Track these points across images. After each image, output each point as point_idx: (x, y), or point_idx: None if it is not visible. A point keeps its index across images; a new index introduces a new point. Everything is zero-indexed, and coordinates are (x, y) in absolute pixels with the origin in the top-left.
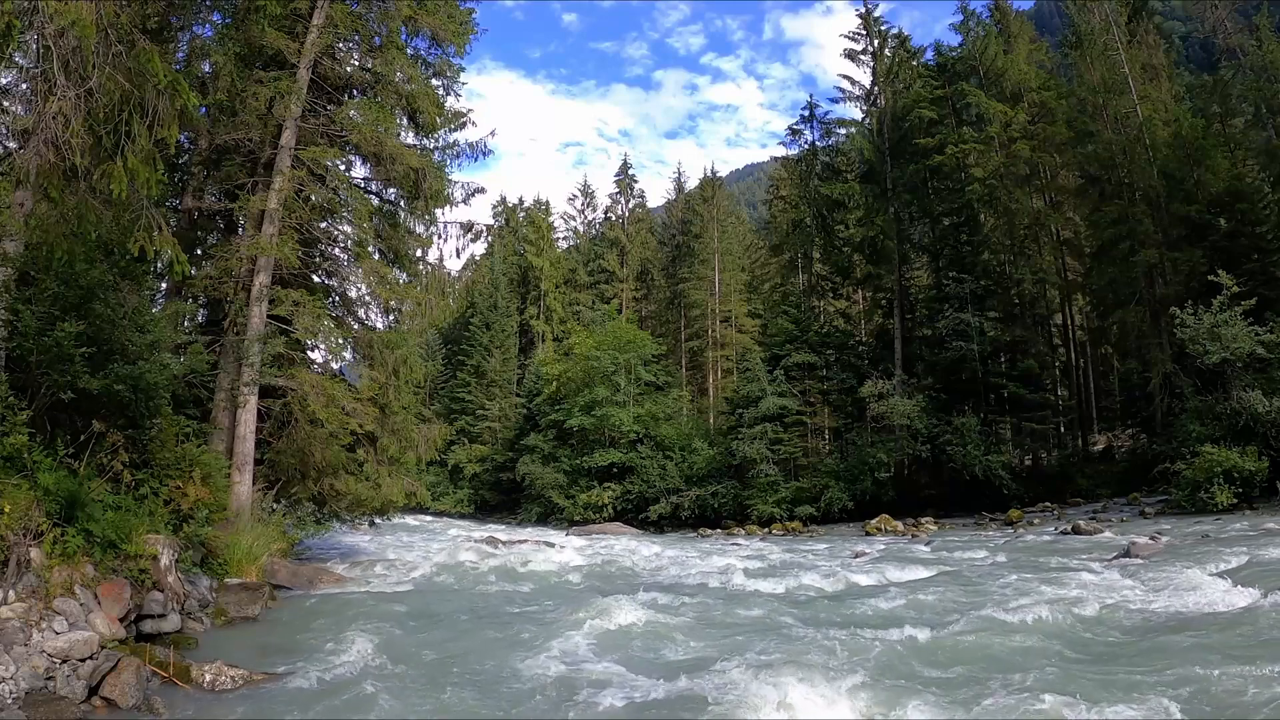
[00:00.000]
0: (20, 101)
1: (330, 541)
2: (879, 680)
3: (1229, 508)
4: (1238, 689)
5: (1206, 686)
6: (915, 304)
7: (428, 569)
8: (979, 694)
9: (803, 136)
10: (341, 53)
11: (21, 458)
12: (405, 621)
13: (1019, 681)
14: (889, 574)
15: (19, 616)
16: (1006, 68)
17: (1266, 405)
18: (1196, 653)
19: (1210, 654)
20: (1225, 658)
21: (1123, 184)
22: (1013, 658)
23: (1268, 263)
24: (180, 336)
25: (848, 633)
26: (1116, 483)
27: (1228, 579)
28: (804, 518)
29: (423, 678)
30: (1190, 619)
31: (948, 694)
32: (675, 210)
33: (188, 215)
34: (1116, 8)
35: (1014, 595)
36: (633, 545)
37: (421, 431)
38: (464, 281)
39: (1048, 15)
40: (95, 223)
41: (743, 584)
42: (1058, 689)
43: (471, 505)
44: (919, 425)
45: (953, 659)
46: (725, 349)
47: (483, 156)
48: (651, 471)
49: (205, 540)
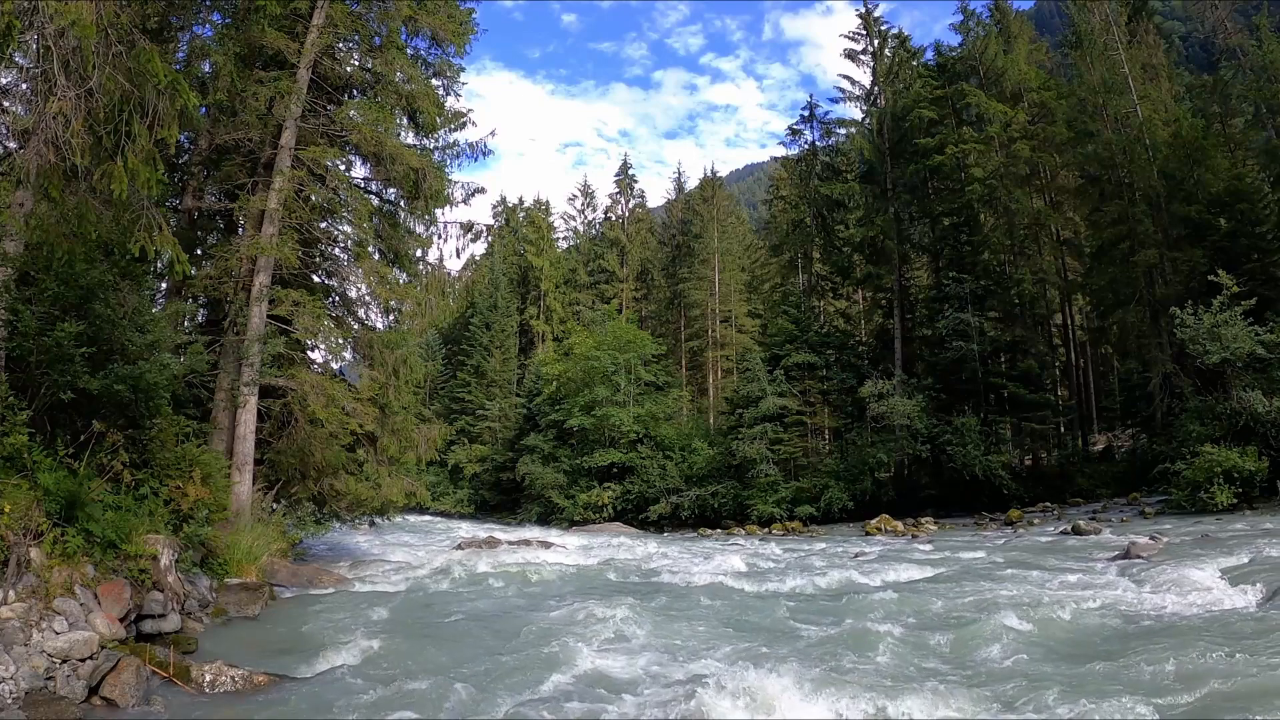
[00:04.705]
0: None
1: (330, 541)
2: (879, 680)
3: (1229, 508)
4: (1237, 688)
5: (1206, 685)
6: (915, 304)
7: (427, 569)
8: (979, 693)
9: (803, 136)
10: (341, 53)
11: (21, 458)
12: (404, 622)
13: (1018, 681)
14: (889, 574)
15: (19, 616)
16: (1006, 68)
17: (1266, 405)
18: (1196, 652)
19: (1210, 653)
20: (1225, 657)
21: (1123, 184)
22: (1012, 657)
23: (1268, 263)
24: (180, 336)
25: (848, 633)
26: (1116, 483)
27: (1228, 579)
28: (804, 518)
29: (422, 678)
30: (1190, 619)
31: (947, 694)
32: (675, 210)
33: (188, 215)
34: (1116, 8)
35: (1013, 595)
36: (633, 545)
37: (421, 431)
38: (464, 281)
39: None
40: (95, 223)
41: (742, 584)
42: (1057, 688)
43: (471, 505)
44: (919, 425)
45: (952, 659)
46: (725, 349)
47: (483, 156)
48: (651, 471)
49: (205, 540)
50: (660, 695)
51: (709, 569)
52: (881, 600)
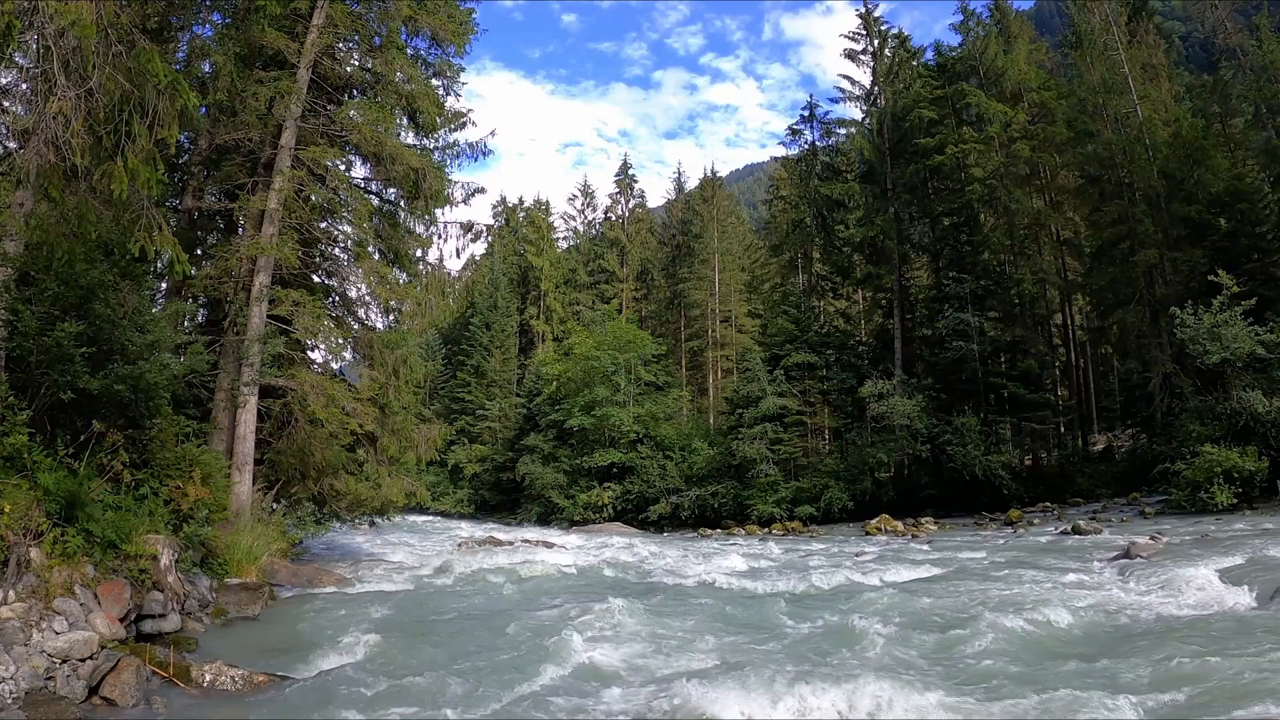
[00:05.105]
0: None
1: (330, 541)
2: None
3: (1229, 508)
4: (1237, 687)
5: (1205, 685)
6: (915, 304)
7: (427, 569)
8: (978, 693)
9: (803, 136)
10: (341, 53)
11: (21, 458)
12: (404, 621)
13: (1017, 680)
14: (889, 574)
15: (19, 616)
16: (1006, 68)
17: (1266, 405)
18: (1195, 652)
19: (1209, 653)
20: (1224, 656)
21: (1123, 184)
22: (1011, 657)
23: (1268, 263)
24: (180, 336)
25: (847, 632)
26: (1116, 483)
27: (1227, 579)
28: (804, 518)
29: (421, 678)
30: (1189, 618)
31: (947, 693)
32: (675, 210)
33: (188, 215)
34: (1116, 8)
35: (1013, 595)
36: (632, 545)
37: (421, 431)
38: (464, 281)
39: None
40: (95, 223)
41: (742, 584)
42: (1056, 688)
43: (471, 505)
44: (919, 425)
45: (951, 658)
46: (725, 349)
47: (483, 156)
48: (651, 471)
49: (205, 540)
50: (659, 695)
51: (707, 569)
52: (877, 599)
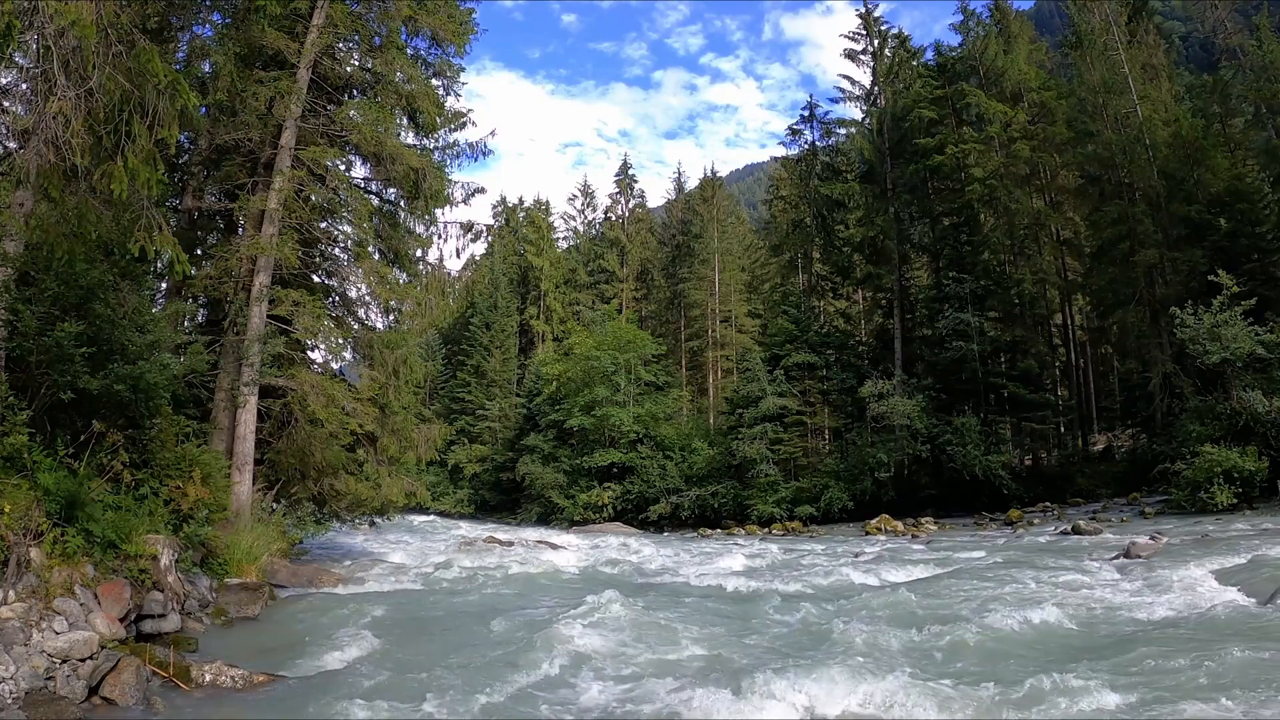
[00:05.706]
0: (20, 101)
1: (330, 541)
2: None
3: (1229, 508)
4: (1236, 687)
5: (1204, 684)
6: (915, 304)
7: (427, 569)
8: (977, 693)
9: (803, 136)
10: (341, 53)
11: (21, 458)
12: (404, 621)
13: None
14: (888, 574)
15: (19, 616)
16: (1006, 68)
17: (1266, 405)
18: (1194, 651)
19: (1209, 652)
20: (1223, 656)
21: (1123, 184)
22: (1010, 657)
23: (1268, 263)
24: (180, 336)
25: (847, 632)
26: (1116, 483)
27: (1227, 579)
28: (804, 518)
29: (421, 677)
30: (1189, 618)
31: (946, 693)
32: (675, 210)
33: (188, 215)
34: (1116, 8)
35: (1012, 595)
36: (632, 545)
37: (421, 431)
38: (464, 281)
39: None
40: (95, 223)
41: (742, 584)
42: (1055, 687)
43: (471, 505)
44: (919, 425)
45: (951, 658)
46: (725, 349)
47: (483, 156)
48: (651, 471)
49: (205, 540)
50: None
51: (708, 569)
52: (881, 600)
